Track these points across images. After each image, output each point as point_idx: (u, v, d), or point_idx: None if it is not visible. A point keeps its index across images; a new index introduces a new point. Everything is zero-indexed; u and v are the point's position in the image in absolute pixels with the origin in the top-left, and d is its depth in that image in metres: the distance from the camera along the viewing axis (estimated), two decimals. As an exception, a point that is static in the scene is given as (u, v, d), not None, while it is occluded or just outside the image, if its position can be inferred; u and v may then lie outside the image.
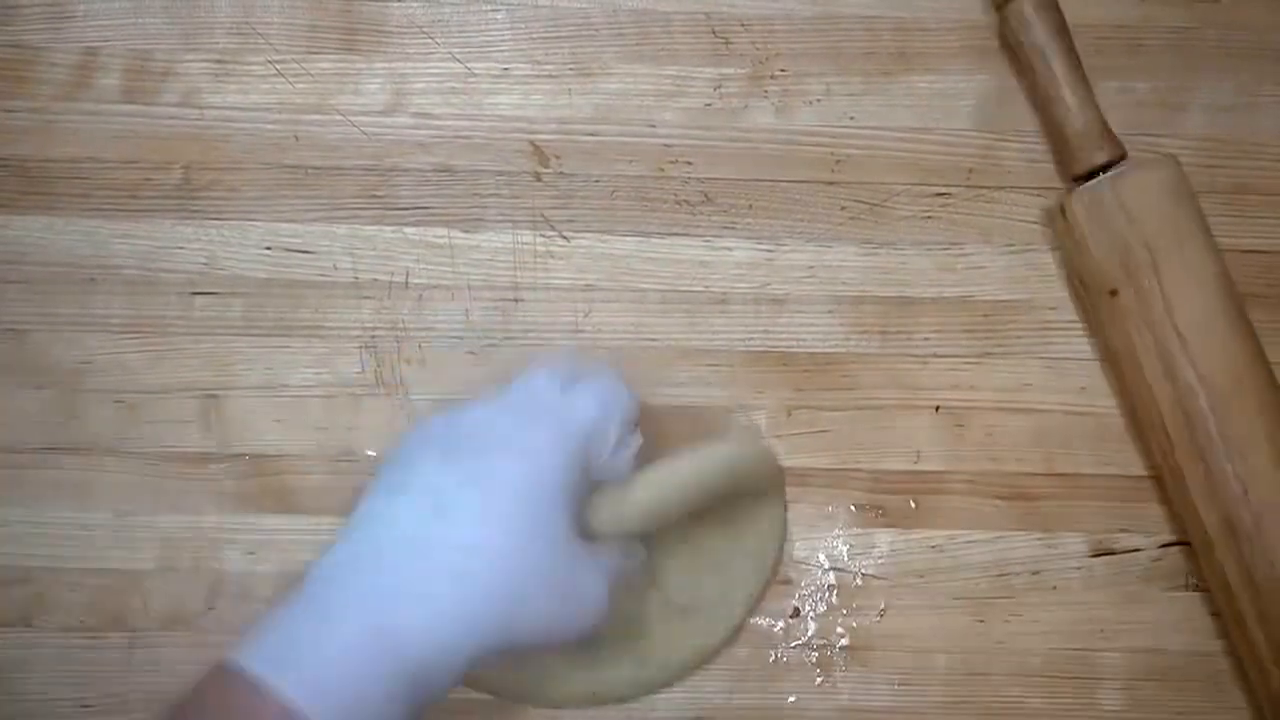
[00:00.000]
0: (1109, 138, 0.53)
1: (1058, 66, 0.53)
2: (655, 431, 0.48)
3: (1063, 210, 0.53)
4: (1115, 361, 0.54)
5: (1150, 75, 0.56)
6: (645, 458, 0.47)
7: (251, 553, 0.53)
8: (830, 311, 0.55)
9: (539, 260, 0.55)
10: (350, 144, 0.55)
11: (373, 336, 0.54)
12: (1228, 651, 0.53)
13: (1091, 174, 0.53)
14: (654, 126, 0.55)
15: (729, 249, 0.55)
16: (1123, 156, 0.53)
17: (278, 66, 0.55)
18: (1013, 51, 0.55)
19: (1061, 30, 0.53)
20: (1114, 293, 0.52)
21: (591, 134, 0.55)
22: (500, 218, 0.55)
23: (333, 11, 0.55)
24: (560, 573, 0.43)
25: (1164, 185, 0.52)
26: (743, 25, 0.55)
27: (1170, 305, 0.51)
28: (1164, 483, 0.53)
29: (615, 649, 0.51)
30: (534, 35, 0.55)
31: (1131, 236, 0.51)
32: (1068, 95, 0.53)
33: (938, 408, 0.54)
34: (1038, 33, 0.53)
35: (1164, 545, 0.54)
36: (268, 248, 0.54)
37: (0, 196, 0.54)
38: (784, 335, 0.55)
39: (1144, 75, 0.56)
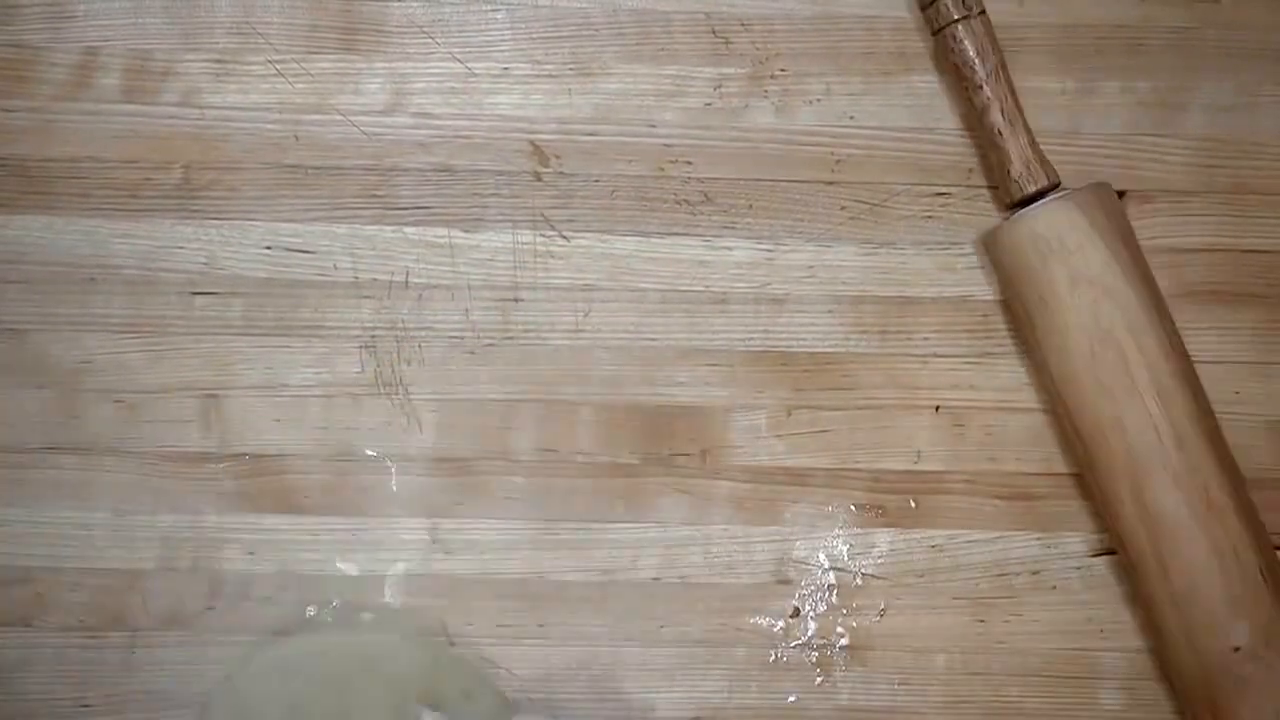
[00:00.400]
0: (1040, 167, 0.52)
1: (990, 93, 0.52)
2: (656, 432, 0.48)
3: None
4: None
5: (1150, 75, 0.56)
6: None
7: (251, 553, 0.53)
8: (830, 311, 0.55)
9: (539, 260, 0.55)
10: (350, 144, 0.55)
11: (373, 336, 0.54)
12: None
13: (1023, 202, 0.52)
14: (654, 126, 0.55)
15: (729, 249, 0.55)
16: (1055, 186, 0.52)
17: (278, 66, 0.55)
18: (949, 76, 0.54)
19: (998, 64, 0.52)
20: (1014, 331, 0.54)
21: (591, 134, 0.55)
22: (500, 217, 0.55)
23: (333, 11, 0.55)
24: None
25: (1043, 236, 0.50)
26: (743, 25, 0.55)
27: (1045, 363, 0.51)
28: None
29: None
30: (534, 35, 0.55)
31: (1010, 291, 0.52)
32: (997, 123, 0.52)
33: (938, 408, 0.54)
34: (971, 57, 0.52)
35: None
36: (268, 247, 0.54)
37: (0, 196, 0.54)
38: (784, 335, 0.55)
39: (1144, 75, 0.56)
